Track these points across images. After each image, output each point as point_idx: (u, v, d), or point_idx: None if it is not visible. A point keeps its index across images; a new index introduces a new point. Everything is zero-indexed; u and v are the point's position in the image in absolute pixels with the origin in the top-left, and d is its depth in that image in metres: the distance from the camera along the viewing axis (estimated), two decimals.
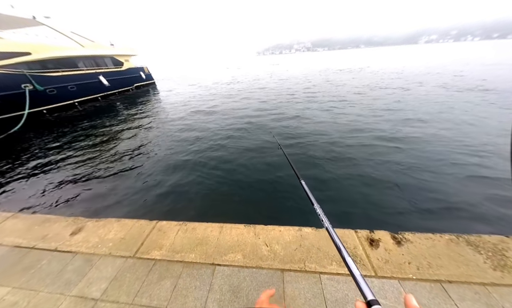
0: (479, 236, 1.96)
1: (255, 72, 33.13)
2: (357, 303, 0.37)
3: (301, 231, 2.18)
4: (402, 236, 2.02)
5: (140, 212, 3.62)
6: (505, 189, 3.51)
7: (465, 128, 6.22)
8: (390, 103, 9.59)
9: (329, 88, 14.60)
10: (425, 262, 1.76)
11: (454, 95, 10.07)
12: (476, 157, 4.58)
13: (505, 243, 1.88)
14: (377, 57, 51.17)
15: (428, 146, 5.21)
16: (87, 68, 16.07)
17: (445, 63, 25.27)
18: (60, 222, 2.62)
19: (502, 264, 1.71)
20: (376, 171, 4.29)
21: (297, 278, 1.72)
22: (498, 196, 3.38)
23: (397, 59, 37.52)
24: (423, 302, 1.49)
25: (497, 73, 15.15)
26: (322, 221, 0.64)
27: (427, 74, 17.44)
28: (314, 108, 9.65)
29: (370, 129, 6.57)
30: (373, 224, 2.44)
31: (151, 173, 4.88)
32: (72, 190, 4.46)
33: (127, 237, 2.29)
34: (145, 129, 8.47)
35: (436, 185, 3.75)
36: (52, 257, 2.13)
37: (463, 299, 1.49)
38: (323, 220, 0.64)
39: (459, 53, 45.90)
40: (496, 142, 5.16)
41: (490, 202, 3.28)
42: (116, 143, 7.14)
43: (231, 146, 6.10)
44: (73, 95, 14.46)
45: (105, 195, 4.20)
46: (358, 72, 22.49)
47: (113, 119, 10.47)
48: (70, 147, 7.02)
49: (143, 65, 23.99)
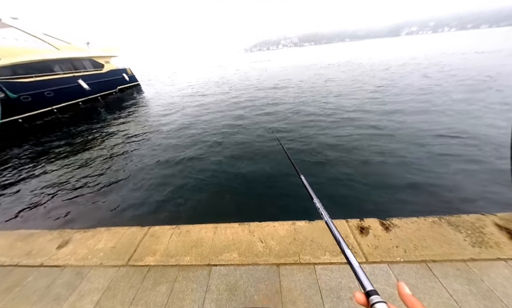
0: (458, 216, 2.09)
1: (245, 69, 32.88)
2: (356, 293, 0.38)
3: (294, 224, 2.22)
4: (390, 222, 2.12)
5: (131, 219, 3.52)
6: (481, 170, 3.76)
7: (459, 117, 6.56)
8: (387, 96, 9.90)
9: (322, 85, 14.80)
10: (411, 245, 1.86)
11: (433, 88, 10.56)
12: (457, 139, 4.87)
13: (482, 220, 2.03)
14: (376, 49, 49.65)
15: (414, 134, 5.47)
16: (64, 72, 15.17)
17: (435, 54, 24.42)
18: (45, 236, 2.49)
19: (479, 241, 1.84)
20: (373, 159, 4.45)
21: (293, 271, 1.76)
22: (475, 175, 3.62)
23: (399, 51, 36.40)
24: (410, 283, 1.58)
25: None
26: (322, 215, 0.65)
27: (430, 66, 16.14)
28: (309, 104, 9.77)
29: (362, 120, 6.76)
30: (363, 212, 2.54)
31: (140, 179, 4.74)
32: (56, 202, 4.24)
33: (119, 246, 2.23)
34: (130, 133, 8.18)
35: (416, 166, 3.96)
36: (37, 273, 2.03)
37: (446, 276, 1.60)
38: (322, 214, 0.65)
39: (442, 43, 46.77)
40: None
41: (470, 181, 3.51)
42: (98, 150, 6.85)
43: (224, 145, 6.06)
44: (51, 101, 13.64)
45: (92, 205, 4.05)
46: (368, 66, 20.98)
47: (95, 124, 10.02)
48: (48, 156, 6.65)
49: (125, 67, 23.04)
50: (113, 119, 10.73)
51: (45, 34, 14.81)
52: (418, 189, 3.50)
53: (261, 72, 25.87)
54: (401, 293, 0.37)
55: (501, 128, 5.25)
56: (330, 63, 28.05)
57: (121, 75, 21.49)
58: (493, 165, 3.89)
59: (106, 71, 19.53)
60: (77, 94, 15.78)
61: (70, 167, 5.72)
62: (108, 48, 20.65)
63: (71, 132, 9.16)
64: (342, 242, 0.51)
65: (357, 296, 0.38)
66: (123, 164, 5.59)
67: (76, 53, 16.51)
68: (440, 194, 3.35)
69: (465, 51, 24.54)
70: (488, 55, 19.56)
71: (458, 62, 17.11)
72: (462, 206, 3.06)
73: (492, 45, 30.09)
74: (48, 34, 15.07)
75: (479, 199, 3.20)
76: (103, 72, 19.14)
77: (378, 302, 0.34)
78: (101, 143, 7.42)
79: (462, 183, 3.55)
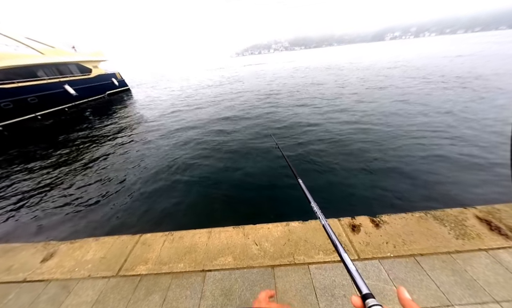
0: (443, 211, 2.19)
1: (236, 71, 33.05)
2: (352, 297, 0.39)
3: (288, 225, 2.24)
4: (380, 219, 2.19)
5: (121, 228, 3.41)
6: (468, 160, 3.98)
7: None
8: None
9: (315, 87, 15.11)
10: (400, 240, 1.93)
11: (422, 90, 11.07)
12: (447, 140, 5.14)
13: (464, 214, 2.14)
14: (368, 53, 51.10)
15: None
16: (49, 77, 14.61)
17: (430, 57, 25.19)
18: (27, 249, 2.36)
19: (462, 233, 1.94)
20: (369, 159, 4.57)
21: (288, 272, 1.77)
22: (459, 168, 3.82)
23: (392, 54, 37.59)
24: (400, 277, 1.63)
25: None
26: (319, 218, 0.66)
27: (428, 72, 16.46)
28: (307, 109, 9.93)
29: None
30: (355, 210, 2.60)
31: (129, 186, 4.61)
32: (38, 213, 4.04)
33: (108, 256, 2.15)
34: (118, 139, 7.97)
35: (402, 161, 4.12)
36: (20, 289, 1.91)
37: (433, 268, 1.67)
38: (320, 218, 0.66)
39: (427, 47, 48.63)
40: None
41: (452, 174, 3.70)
42: (84, 157, 6.61)
43: (216, 149, 6.02)
44: (35, 107, 13.06)
45: (79, 215, 3.88)
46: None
47: (81, 131, 9.68)
48: (30, 165, 6.34)
49: (115, 71, 22.53)
50: (101, 125, 10.41)
51: (28, 38, 14.26)
52: (409, 183, 3.64)
53: (261, 74, 26.05)
54: (401, 298, 0.38)
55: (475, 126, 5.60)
56: (329, 65, 28.75)
57: (110, 80, 20.98)
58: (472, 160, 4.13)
59: (94, 75, 19.01)
60: (63, 100, 15.22)
61: (53, 176, 5.47)
62: (95, 53, 20.14)
63: (55, 139, 8.78)
64: (340, 246, 0.52)
65: (353, 300, 0.39)
66: (111, 172, 5.42)
67: (61, 57, 15.97)
68: (422, 190, 3.50)
69: (447, 55, 26.01)
70: (466, 58, 20.91)
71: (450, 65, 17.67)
72: (446, 200, 3.22)
73: (467, 48, 32.15)
74: (32, 38, 14.51)
75: (462, 193, 3.37)
76: (91, 76, 18.61)
77: (374, 305, 0.36)
78: (87, 150, 7.16)
79: (444, 177, 3.73)
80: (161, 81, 32.73)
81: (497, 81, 10.47)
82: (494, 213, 2.10)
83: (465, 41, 59.50)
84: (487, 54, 22.75)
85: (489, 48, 30.16)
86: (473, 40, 65.60)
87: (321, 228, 2.14)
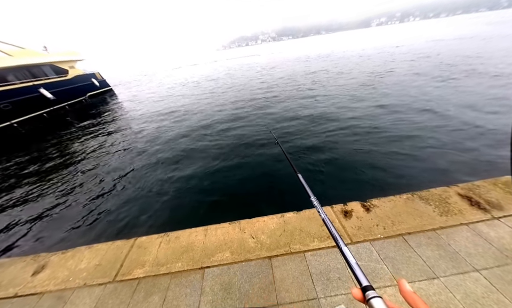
0: (428, 190, 2.31)
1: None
2: (352, 290, 0.40)
3: (283, 216, 2.29)
4: (370, 203, 2.27)
5: (115, 233, 3.34)
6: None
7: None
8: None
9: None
10: (389, 222, 2.03)
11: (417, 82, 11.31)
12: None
13: (447, 192, 2.27)
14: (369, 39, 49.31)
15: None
16: (20, 81, 13.59)
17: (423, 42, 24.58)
18: (16, 264, 2.27)
19: (446, 210, 2.06)
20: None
21: (284, 262, 1.82)
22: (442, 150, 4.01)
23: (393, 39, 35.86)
24: (390, 256, 1.72)
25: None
26: (319, 212, 0.67)
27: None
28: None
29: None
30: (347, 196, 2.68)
31: (119, 191, 4.49)
32: (25, 225, 3.86)
33: (104, 263, 2.11)
34: (102, 142, 7.65)
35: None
36: (11, 305, 1.85)
37: (419, 245, 1.77)
38: (320, 212, 0.67)
39: (415, 32, 48.32)
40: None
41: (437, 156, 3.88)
42: (67, 164, 6.31)
43: (207, 146, 5.94)
44: (9, 115, 12.19)
45: (69, 224, 3.75)
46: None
47: (62, 137, 9.19)
48: (8, 176, 5.99)
49: (94, 71, 21.29)
50: (83, 129, 9.92)
51: None
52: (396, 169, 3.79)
53: (253, 66, 25.46)
54: (402, 290, 0.39)
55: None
56: (320, 54, 28.50)
57: (90, 80, 19.83)
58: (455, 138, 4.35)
59: (72, 77, 17.87)
60: (40, 105, 14.28)
61: (36, 186, 5.21)
62: (70, 52, 18.82)
63: (34, 147, 8.30)
64: (340, 240, 0.53)
65: (354, 292, 0.39)
66: (98, 177, 5.23)
67: (33, 58, 14.82)
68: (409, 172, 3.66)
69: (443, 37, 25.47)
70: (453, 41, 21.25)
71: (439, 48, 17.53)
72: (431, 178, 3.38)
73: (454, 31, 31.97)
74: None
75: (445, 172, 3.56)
76: (68, 78, 17.48)
77: (374, 297, 0.37)
78: (70, 156, 6.84)
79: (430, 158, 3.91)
80: (145, 79, 31.37)
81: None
82: (474, 190, 2.24)
83: (461, 23, 58.60)
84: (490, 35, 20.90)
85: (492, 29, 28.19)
86: (465, 22, 65.50)
87: (315, 217, 2.20)
